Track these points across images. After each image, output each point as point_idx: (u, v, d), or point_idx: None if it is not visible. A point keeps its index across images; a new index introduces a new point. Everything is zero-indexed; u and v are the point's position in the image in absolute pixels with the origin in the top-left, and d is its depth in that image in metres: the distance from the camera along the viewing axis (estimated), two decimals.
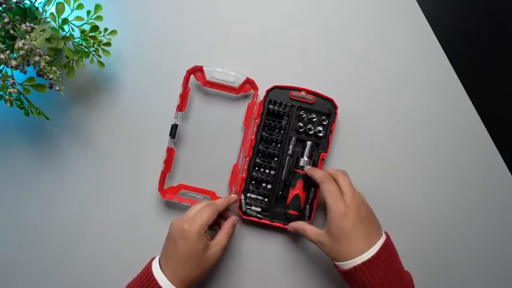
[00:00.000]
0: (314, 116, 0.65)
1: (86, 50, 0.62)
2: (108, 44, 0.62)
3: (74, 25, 0.62)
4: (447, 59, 0.68)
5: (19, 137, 0.68)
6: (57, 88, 0.58)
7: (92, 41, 0.61)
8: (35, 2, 0.60)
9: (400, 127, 0.68)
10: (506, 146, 0.68)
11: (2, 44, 0.55)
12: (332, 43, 0.68)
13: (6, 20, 0.55)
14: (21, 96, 0.60)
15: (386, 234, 0.57)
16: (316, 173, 0.60)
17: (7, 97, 0.56)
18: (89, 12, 0.61)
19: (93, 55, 0.63)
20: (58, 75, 0.57)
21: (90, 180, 0.68)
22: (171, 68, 0.68)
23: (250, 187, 0.66)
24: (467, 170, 0.68)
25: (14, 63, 0.55)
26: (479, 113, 0.68)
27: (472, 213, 0.68)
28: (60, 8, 0.59)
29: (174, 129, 0.66)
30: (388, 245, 0.55)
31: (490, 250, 0.68)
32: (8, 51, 0.55)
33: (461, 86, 0.68)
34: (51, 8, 0.60)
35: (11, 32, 0.56)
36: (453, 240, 0.68)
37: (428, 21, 0.68)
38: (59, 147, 0.68)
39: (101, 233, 0.68)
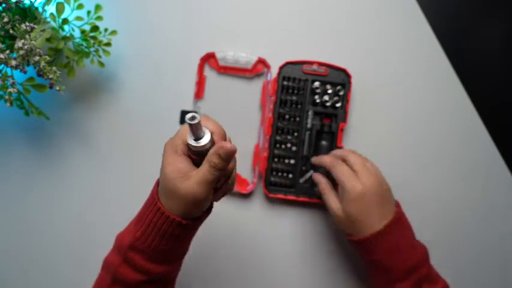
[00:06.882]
0: (329, 88, 0.66)
1: (86, 50, 0.62)
2: (108, 44, 0.62)
3: (74, 25, 0.62)
4: (447, 59, 0.68)
5: (19, 137, 0.68)
6: (57, 88, 0.58)
7: (92, 41, 0.61)
8: (34, 1, 0.60)
9: (399, 127, 0.68)
10: (507, 146, 0.68)
11: (2, 44, 0.55)
12: (333, 37, 0.69)
13: (5, 19, 0.55)
14: (21, 96, 0.60)
15: (397, 203, 0.57)
16: (324, 159, 0.59)
17: (7, 97, 0.55)
18: (89, 12, 0.61)
19: (94, 55, 0.63)
20: (58, 75, 0.57)
21: (90, 180, 0.68)
22: (172, 68, 0.68)
23: (274, 165, 0.66)
24: (467, 170, 0.68)
25: (14, 63, 0.55)
26: (479, 113, 0.68)
27: (472, 213, 0.68)
28: (60, 8, 0.59)
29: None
30: (398, 217, 0.54)
31: (490, 250, 0.68)
32: (8, 51, 0.55)
33: (462, 86, 0.68)
34: (51, 8, 0.60)
35: (11, 31, 0.56)
36: (453, 240, 0.68)
37: (428, 21, 0.68)
38: (59, 147, 0.68)
39: (101, 233, 0.67)
